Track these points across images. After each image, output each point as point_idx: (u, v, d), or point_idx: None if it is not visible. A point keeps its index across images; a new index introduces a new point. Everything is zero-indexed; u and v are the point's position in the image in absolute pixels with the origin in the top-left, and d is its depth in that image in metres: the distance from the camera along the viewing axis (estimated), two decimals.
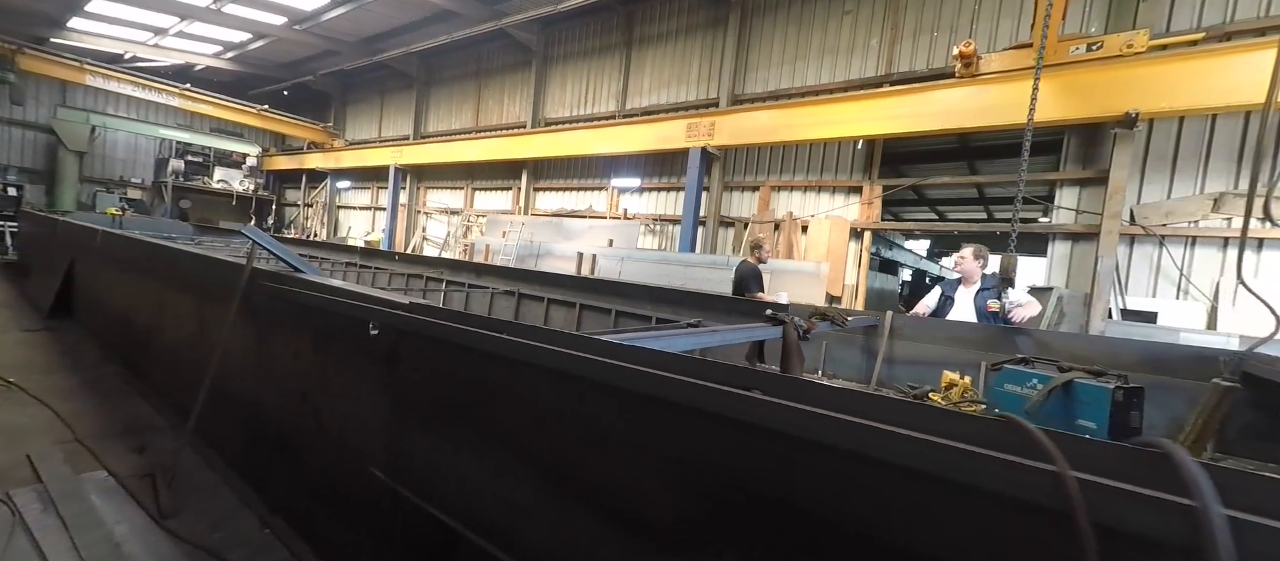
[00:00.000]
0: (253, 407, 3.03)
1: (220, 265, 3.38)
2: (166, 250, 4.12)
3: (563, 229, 10.81)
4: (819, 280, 6.82)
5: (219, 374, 2.98)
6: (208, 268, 3.52)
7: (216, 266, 3.41)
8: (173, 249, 3.98)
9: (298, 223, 20.33)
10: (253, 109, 15.93)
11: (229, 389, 3.08)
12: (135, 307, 4.89)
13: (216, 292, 3.44)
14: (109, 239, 5.66)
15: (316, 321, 2.55)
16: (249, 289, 2.99)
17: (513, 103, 13.30)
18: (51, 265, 8.02)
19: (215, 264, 3.43)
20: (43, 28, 13.15)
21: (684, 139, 8.88)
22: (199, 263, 3.62)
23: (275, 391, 2.85)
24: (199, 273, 3.63)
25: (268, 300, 2.87)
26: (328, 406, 2.46)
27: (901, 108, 6.50)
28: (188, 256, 3.74)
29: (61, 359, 5.02)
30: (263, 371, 2.95)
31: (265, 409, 2.93)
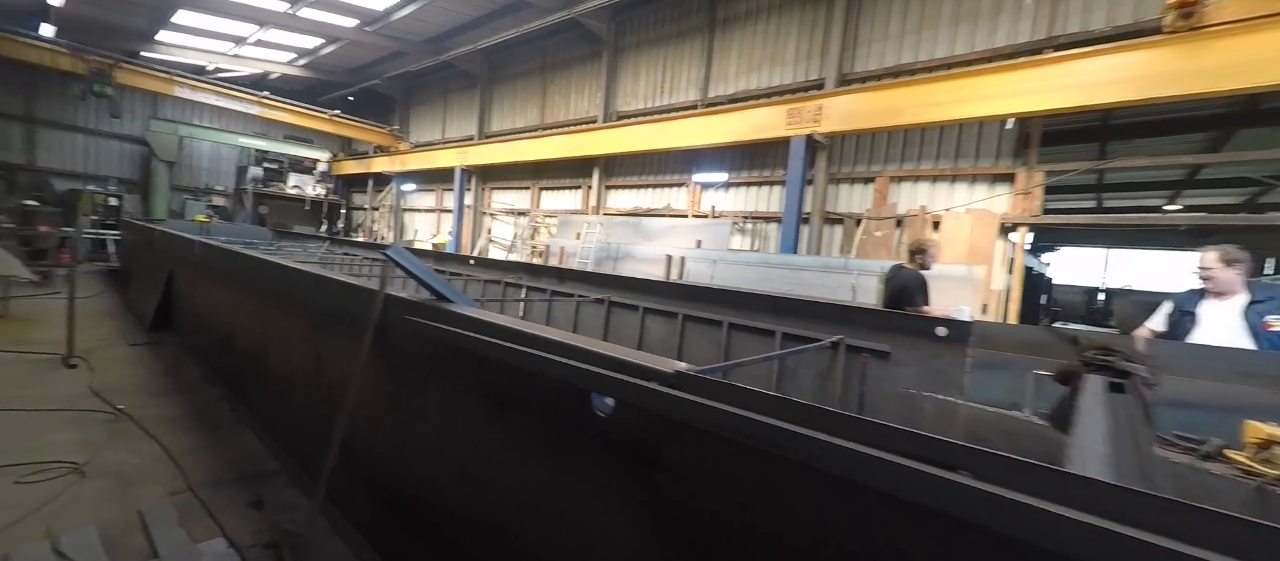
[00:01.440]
0: (388, 470, 2.46)
1: (339, 289, 2.86)
2: (272, 267, 3.70)
3: (642, 229, 10.14)
4: (972, 287, 5.79)
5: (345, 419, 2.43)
6: (324, 291, 3.01)
7: (335, 290, 2.89)
8: (280, 266, 3.52)
9: (365, 226, 20.77)
10: (324, 114, 16.22)
11: (357, 439, 2.54)
12: (238, 328, 4.56)
13: (336, 321, 2.93)
14: (207, 252, 5.43)
15: (484, 374, 1.92)
16: (383, 323, 2.42)
17: (581, 97, 12.74)
18: (150, 274, 8.10)
19: (334, 287, 2.91)
20: (134, 42, 13.78)
21: (783, 127, 7.98)
22: (313, 284, 3.13)
23: (421, 457, 2.26)
24: (313, 295, 3.14)
25: (408, 339, 2.29)
26: (505, 494, 1.82)
27: (1077, 75, 5.35)
28: (300, 276, 3.27)
29: (165, 379, 4.80)
30: (402, 429, 2.38)
31: (406, 476, 2.35)
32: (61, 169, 15.89)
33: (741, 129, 8.63)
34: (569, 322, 7.31)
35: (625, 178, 11.71)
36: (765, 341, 5.15)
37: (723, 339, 5.63)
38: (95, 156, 16.62)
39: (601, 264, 10.23)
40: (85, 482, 2.91)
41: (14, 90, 14.91)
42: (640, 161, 11.31)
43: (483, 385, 1.93)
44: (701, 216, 9.92)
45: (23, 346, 5.39)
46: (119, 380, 4.66)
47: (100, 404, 4.08)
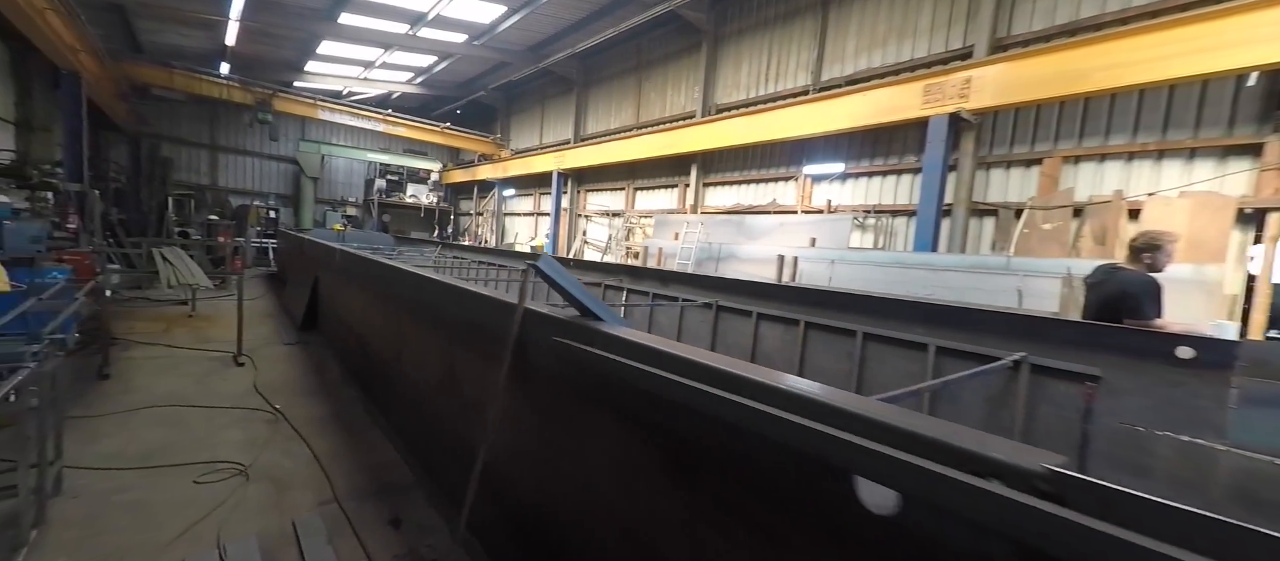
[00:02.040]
0: (534, 509, 2.19)
1: (474, 301, 2.67)
2: (406, 275, 3.70)
3: (745, 227, 9.50)
4: (1203, 291, 4.47)
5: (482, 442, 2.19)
6: (458, 302, 2.87)
7: (470, 302, 2.72)
8: (414, 275, 3.49)
9: (470, 231, 22.19)
10: (436, 127, 17.48)
11: (498, 467, 2.31)
12: (372, 333, 4.74)
13: (471, 334, 2.76)
14: (346, 259, 5.80)
15: (658, 416, 1.54)
16: (522, 341, 2.16)
17: (677, 92, 12.35)
18: (300, 278, 9.07)
19: (468, 298, 2.75)
20: (287, 73, 15.82)
21: (917, 106, 6.93)
22: (447, 294, 3.00)
23: (573, 503, 1.95)
24: (447, 306, 3.01)
25: (554, 362, 2.00)
26: None
27: None
28: (434, 285, 3.18)
29: (312, 378, 5.15)
30: (550, 467, 2.09)
31: (554, 519, 2.06)
32: (235, 187, 18.76)
33: (863, 113, 7.67)
34: (672, 328, 6.94)
35: (725, 174, 11.12)
36: (913, 356, 4.38)
37: (856, 351, 4.91)
38: (259, 175, 19.42)
39: (702, 265, 9.76)
40: (249, 486, 3.04)
41: (202, 122, 17.86)
42: (741, 156, 10.66)
43: (657, 431, 1.56)
44: (813, 212, 9.06)
45: (205, 344, 6.14)
46: (276, 378, 5.07)
47: (261, 402, 4.42)
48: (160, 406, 4.13)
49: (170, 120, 17.10)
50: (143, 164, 15.96)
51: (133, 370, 4.97)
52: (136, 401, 4.19)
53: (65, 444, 3.39)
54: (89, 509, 2.72)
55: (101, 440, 3.48)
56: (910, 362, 4.53)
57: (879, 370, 4.96)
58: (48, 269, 5.57)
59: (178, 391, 4.50)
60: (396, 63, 15.27)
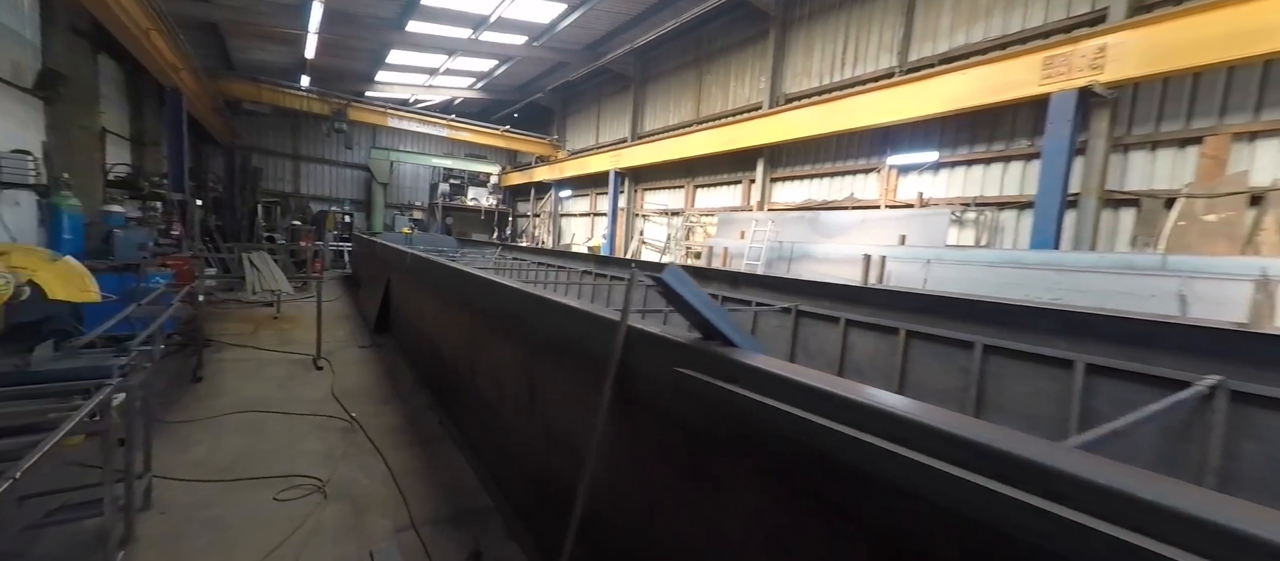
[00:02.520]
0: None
1: (563, 314, 2.35)
2: (480, 282, 3.46)
3: (820, 225, 8.79)
4: None
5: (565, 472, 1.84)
6: (542, 314, 2.55)
7: (557, 314, 2.39)
8: (490, 282, 3.23)
9: (527, 232, 22.52)
10: (496, 130, 17.79)
11: (593, 511, 1.96)
12: (444, 341, 4.60)
13: (556, 351, 2.44)
14: (417, 263, 5.76)
15: (847, 492, 1.11)
16: (628, 368, 1.79)
17: (741, 84, 11.74)
18: (373, 280, 9.33)
19: (554, 311, 2.42)
20: (360, 84, 16.62)
21: (1035, 82, 6.03)
22: (528, 305, 2.70)
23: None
24: (528, 317, 2.72)
25: (673, 396, 1.61)
26: None
27: None
28: (512, 294, 2.90)
29: (385, 383, 5.11)
30: (664, 521, 1.70)
31: None
32: (314, 194, 20.00)
33: (964, 94, 6.80)
34: (763, 337, 6.43)
35: (794, 168, 10.41)
36: (1051, 374, 3.71)
37: (974, 366, 4.24)
38: (335, 182, 20.61)
39: (772, 265, 9.14)
40: (327, 507, 2.89)
41: (285, 133, 19.16)
42: (812, 148, 9.92)
43: (843, 511, 1.12)
44: (900, 206, 8.23)
45: (287, 346, 6.32)
46: (351, 383, 5.06)
47: (338, 409, 4.37)
48: (245, 412, 4.16)
49: (258, 132, 18.45)
50: (236, 174, 17.31)
51: (222, 373, 5.12)
52: (224, 406, 4.25)
53: (158, 450, 3.42)
54: (173, 525, 2.64)
55: (191, 447, 3.48)
56: (1046, 381, 3.84)
57: (1004, 389, 4.25)
58: (151, 274, 5.90)
59: (261, 396, 4.55)
60: (459, 68, 15.62)
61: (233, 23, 11.37)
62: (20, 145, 7.05)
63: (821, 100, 9.03)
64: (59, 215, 5.45)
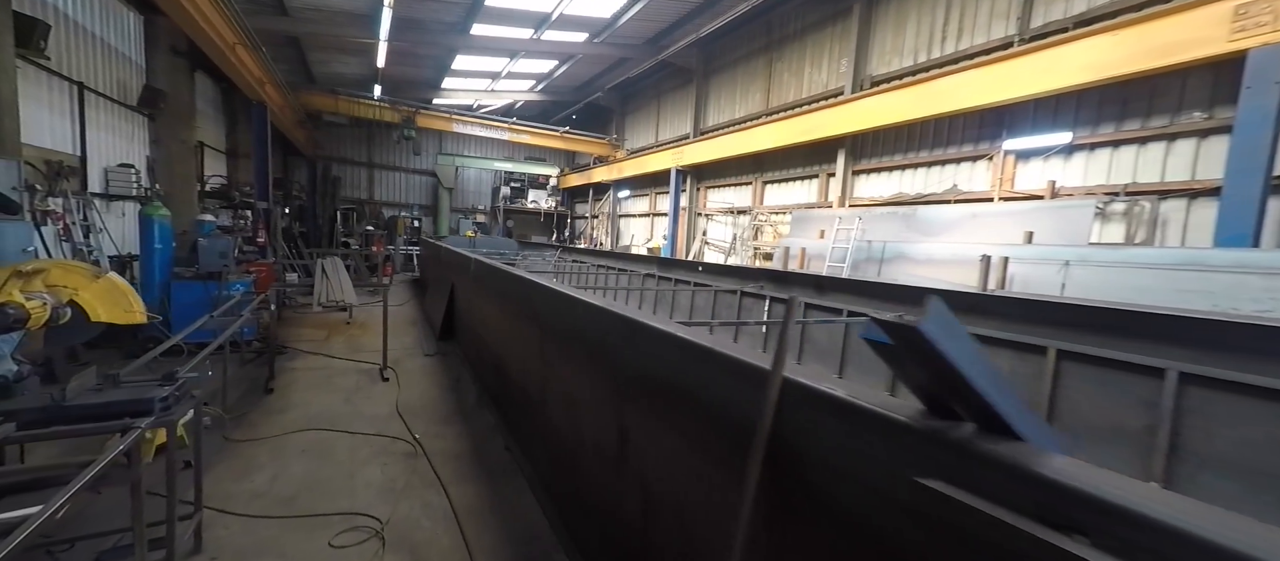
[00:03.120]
0: None
1: (664, 343, 1.77)
2: (553, 295, 2.99)
3: (917, 221, 7.73)
4: None
5: None
6: (633, 340, 2.00)
7: (657, 343, 1.82)
8: (566, 297, 2.73)
9: (585, 233, 22.41)
10: (556, 132, 17.72)
11: None
12: (510, 357, 4.20)
13: (658, 393, 1.89)
14: (482, 270, 5.45)
15: None
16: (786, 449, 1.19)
17: (817, 69, 10.77)
18: (438, 285, 9.28)
19: (651, 338, 1.86)
20: (427, 91, 17.09)
21: (1223, 39, 4.80)
22: (615, 327, 2.16)
23: None
24: (613, 342, 2.18)
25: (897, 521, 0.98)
26: None
27: None
28: (595, 313, 2.38)
29: (449, 398, 4.81)
30: None
31: None
32: (386, 200, 20.92)
33: (1110, 59, 5.61)
34: (834, 349, 5.62)
35: (880, 159, 9.33)
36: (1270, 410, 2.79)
37: (1166, 400, 3.33)
38: (404, 188, 21.47)
39: (860, 267, 8.18)
40: (385, 556, 2.50)
41: (360, 143, 20.16)
42: (904, 135, 8.82)
43: None
44: (1019, 198, 7.03)
45: (356, 354, 6.25)
46: (416, 397, 4.81)
47: (402, 428, 4.09)
48: (311, 430, 3.95)
49: (337, 143, 19.51)
50: (318, 182, 18.38)
51: (293, 384, 5.03)
52: (291, 422, 4.08)
53: (221, 475, 3.22)
54: None
55: (254, 473, 3.26)
56: (1263, 418, 2.96)
57: (1213, 435, 3.28)
58: (232, 282, 6.02)
59: (328, 411, 4.37)
60: (520, 70, 15.63)
61: (312, 36, 11.87)
62: (125, 159, 7.54)
63: (916, 81, 7.95)
64: (150, 224, 5.63)
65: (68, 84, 6.22)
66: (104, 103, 7.03)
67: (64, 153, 6.10)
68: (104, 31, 7.03)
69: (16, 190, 3.94)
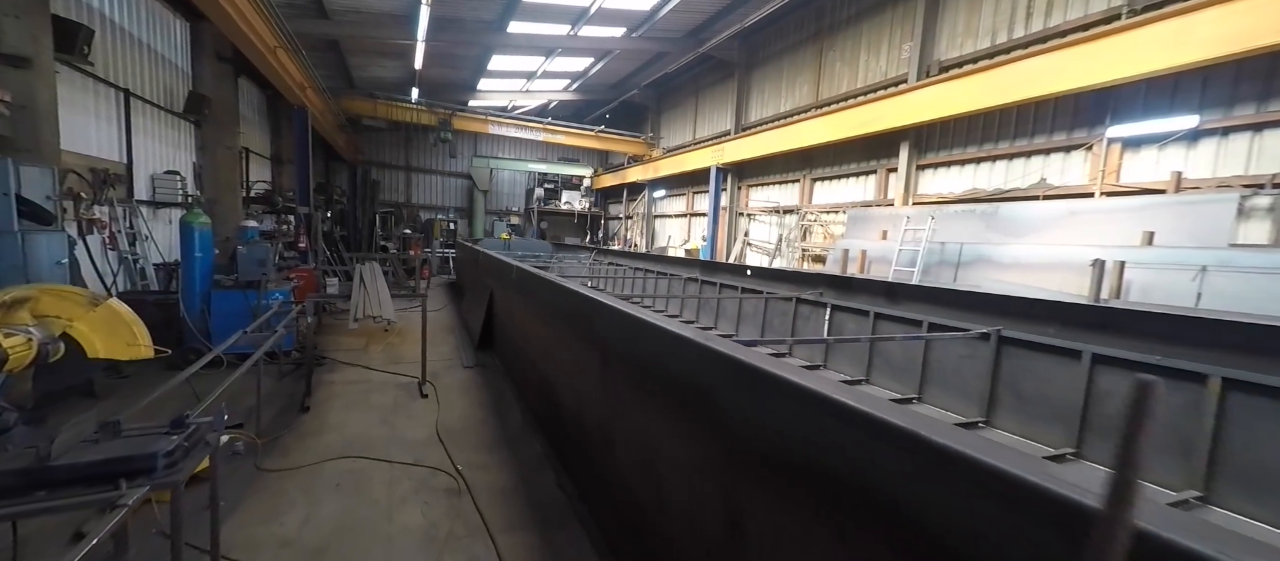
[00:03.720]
0: None
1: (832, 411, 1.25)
2: (621, 318, 2.50)
3: (999, 220, 6.92)
4: None
5: None
6: (753, 392, 1.48)
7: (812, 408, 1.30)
8: (639, 321, 2.24)
9: (619, 235, 22.02)
10: (591, 131, 17.38)
11: None
12: (558, 376, 3.76)
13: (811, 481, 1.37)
14: (525, 279, 5.05)
15: None
16: None
17: (875, 56, 9.97)
18: (476, 290, 8.97)
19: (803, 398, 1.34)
20: (463, 93, 17.05)
21: None
22: (723, 371, 1.65)
23: None
24: (722, 390, 1.67)
25: None
26: None
27: None
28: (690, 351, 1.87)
29: (492, 420, 4.41)
30: None
31: None
32: (423, 203, 21.10)
33: (1252, 27, 4.72)
34: (913, 368, 4.94)
35: (951, 151, 8.49)
36: None
37: None
38: (441, 191, 21.61)
39: (931, 272, 7.42)
40: None
41: (398, 147, 20.39)
42: (979, 125, 7.98)
43: None
44: (1127, 192, 6.15)
45: (395, 365, 5.97)
46: (456, 418, 4.44)
47: (443, 456, 3.71)
48: (347, 458, 3.62)
49: (376, 147, 19.78)
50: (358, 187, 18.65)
51: (330, 400, 4.75)
52: (326, 448, 3.75)
53: (247, 515, 2.89)
54: None
55: (283, 513, 2.91)
56: None
57: None
58: (271, 291, 5.84)
59: (365, 434, 4.04)
60: (555, 69, 15.36)
61: (351, 38, 11.87)
62: (172, 166, 7.56)
63: (995, 64, 7.12)
64: (190, 232, 5.48)
65: (114, 90, 6.18)
66: (150, 109, 7.02)
67: (110, 160, 6.06)
68: (151, 38, 7.02)
69: (51, 199, 3.74)
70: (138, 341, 2.17)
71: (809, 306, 6.35)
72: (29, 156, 3.99)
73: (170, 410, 1.97)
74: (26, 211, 3.68)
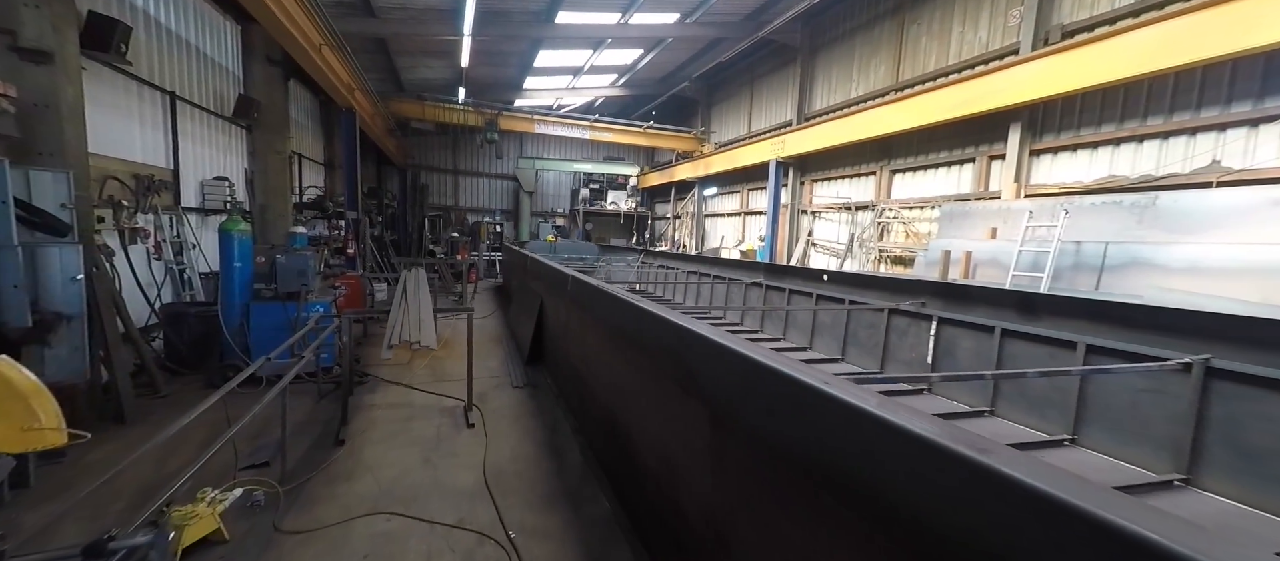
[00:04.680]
0: None
1: None
2: (741, 362, 1.68)
3: (1159, 214, 5.57)
4: None
5: None
6: None
7: None
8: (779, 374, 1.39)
9: (666, 235, 21.18)
10: (639, 128, 16.67)
11: None
12: (632, 419, 2.98)
13: None
14: (584, 293, 4.32)
15: None
16: None
17: (973, 27, 8.66)
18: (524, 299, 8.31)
19: None
20: (509, 92, 16.74)
21: None
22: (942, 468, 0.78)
23: None
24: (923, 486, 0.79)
25: None
26: None
27: None
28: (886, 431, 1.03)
29: (549, 461, 3.68)
30: None
31: None
32: (470, 206, 21.07)
33: None
34: (1059, 397, 3.84)
35: (1078, 133, 7.11)
36: None
37: None
38: (488, 193, 21.53)
39: (1062, 279, 6.15)
40: None
41: (446, 150, 20.43)
42: (1115, 99, 6.60)
43: None
44: None
45: (440, 383, 5.40)
46: (507, 455, 3.75)
47: (490, 511, 3.01)
48: (380, 514, 2.98)
49: (424, 151, 19.87)
50: (408, 191, 18.75)
51: (368, 430, 4.19)
52: (357, 499, 3.14)
53: None
54: None
55: None
56: None
57: None
58: (311, 303, 5.42)
59: (403, 477, 3.41)
60: (602, 64, 14.72)
61: (398, 37, 11.66)
62: (221, 171, 7.39)
63: (1145, 21, 5.76)
64: (230, 241, 5.12)
65: (160, 93, 5.95)
66: (198, 113, 6.84)
67: (155, 166, 5.82)
68: (199, 40, 6.84)
69: (67, 207, 3.31)
70: (40, 424, 1.51)
71: (906, 319, 5.30)
72: (51, 160, 3.61)
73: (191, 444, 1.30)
74: (39, 222, 3.26)
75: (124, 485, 3.06)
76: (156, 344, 5.53)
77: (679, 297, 10.39)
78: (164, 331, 5.43)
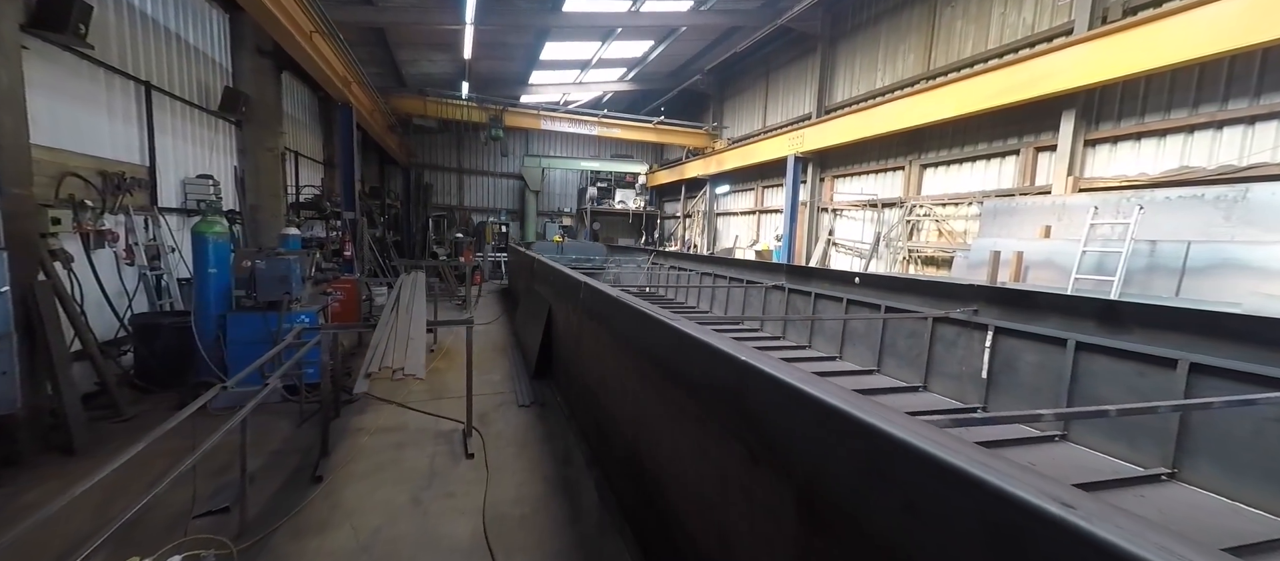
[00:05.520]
0: None
1: None
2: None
3: (1251, 209, 4.89)
4: None
5: None
6: None
7: None
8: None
9: (676, 235, 20.56)
10: (649, 123, 16.08)
11: None
12: (669, 470, 2.37)
13: None
14: (600, 303, 3.73)
15: None
16: None
17: (1016, 7, 7.98)
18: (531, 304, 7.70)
19: None
20: (514, 87, 16.19)
21: None
22: None
23: None
24: None
25: None
26: None
27: None
28: None
29: (560, 500, 3.11)
30: None
31: None
32: (475, 206, 20.56)
33: None
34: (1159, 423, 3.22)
35: (1142, 120, 6.43)
36: None
37: None
38: (493, 193, 21.02)
39: (1133, 282, 5.48)
40: None
41: (450, 149, 19.93)
42: (1185, 82, 5.91)
43: None
44: None
45: (437, 401, 4.85)
46: (510, 498, 3.17)
47: None
48: None
49: (428, 149, 19.38)
50: (411, 190, 18.28)
51: (350, 461, 3.63)
52: (332, 551, 2.58)
53: None
54: None
55: None
56: None
57: None
58: (295, 313, 4.88)
59: (386, 527, 2.84)
60: (611, 56, 14.13)
61: (396, 27, 11.14)
62: (206, 169, 6.89)
63: None
64: (204, 244, 4.59)
65: (133, 83, 5.44)
66: (180, 107, 6.33)
67: (128, 162, 5.31)
68: (179, 26, 6.32)
69: None
70: None
71: (954, 328, 4.68)
72: None
73: None
74: None
75: (57, 532, 2.52)
76: (127, 359, 5.01)
77: (693, 302, 9.79)
78: (134, 345, 4.92)
